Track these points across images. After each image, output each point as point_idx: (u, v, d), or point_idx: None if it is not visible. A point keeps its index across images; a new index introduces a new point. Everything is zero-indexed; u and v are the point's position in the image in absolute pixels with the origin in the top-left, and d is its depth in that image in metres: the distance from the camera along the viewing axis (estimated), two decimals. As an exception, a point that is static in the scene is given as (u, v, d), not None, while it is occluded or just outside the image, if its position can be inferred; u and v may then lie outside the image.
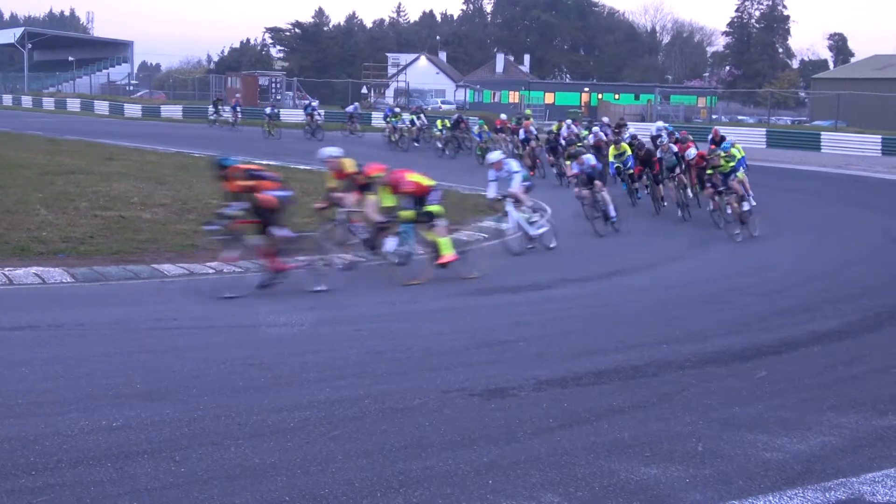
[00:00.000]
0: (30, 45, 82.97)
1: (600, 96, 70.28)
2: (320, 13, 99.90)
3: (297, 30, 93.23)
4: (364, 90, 71.61)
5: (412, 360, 7.38)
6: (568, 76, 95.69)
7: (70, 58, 79.42)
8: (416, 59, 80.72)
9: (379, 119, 47.90)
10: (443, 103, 66.44)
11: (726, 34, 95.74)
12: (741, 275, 12.64)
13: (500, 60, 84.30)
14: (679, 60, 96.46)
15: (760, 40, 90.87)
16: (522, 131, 26.30)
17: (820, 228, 17.41)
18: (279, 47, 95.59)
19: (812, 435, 5.67)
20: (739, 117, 59.99)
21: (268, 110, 40.25)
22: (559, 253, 13.77)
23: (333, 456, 5.06)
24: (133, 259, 11.37)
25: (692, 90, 76.13)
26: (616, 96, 69.84)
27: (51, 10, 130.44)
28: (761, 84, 75.12)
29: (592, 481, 4.82)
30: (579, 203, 16.20)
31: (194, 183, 19.00)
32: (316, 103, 41.80)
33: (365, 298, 10.18)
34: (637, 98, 67.83)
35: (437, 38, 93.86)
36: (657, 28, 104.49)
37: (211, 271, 11.06)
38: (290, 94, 60.01)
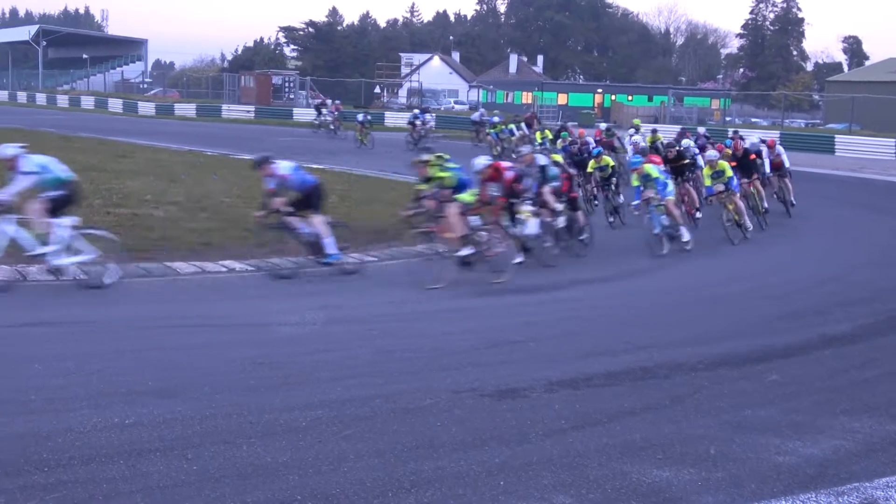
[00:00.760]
0: (44, 43, 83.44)
1: (613, 97, 70.13)
2: (334, 13, 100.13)
3: (311, 29, 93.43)
4: (377, 90, 71.68)
5: (423, 360, 7.38)
6: (581, 77, 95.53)
7: (84, 55, 79.94)
8: (430, 59, 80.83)
9: (392, 119, 47.72)
10: (456, 103, 66.54)
11: (740, 36, 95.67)
12: (752, 277, 12.59)
13: (514, 61, 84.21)
14: (693, 62, 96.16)
15: (774, 42, 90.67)
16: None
17: (832, 231, 17.32)
18: (293, 46, 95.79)
19: (824, 439, 5.63)
20: (753, 120, 59.79)
21: (360, 116, 34.83)
22: (568, 255, 13.73)
23: (345, 455, 5.05)
24: (146, 256, 11.39)
25: (706, 92, 75.92)
26: (629, 97, 69.63)
27: (65, 8, 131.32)
28: (775, 86, 75.01)
29: (604, 483, 4.80)
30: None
31: (210, 181, 19.00)
32: (431, 116, 36.60)
33: (375, 298, 10.19)
34: (650, 100, 67.63)
35: (451, 39, 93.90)
36: (671, 29, 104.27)
37: (224, 269, 11.10)
38: (304, 94, 60.20)
